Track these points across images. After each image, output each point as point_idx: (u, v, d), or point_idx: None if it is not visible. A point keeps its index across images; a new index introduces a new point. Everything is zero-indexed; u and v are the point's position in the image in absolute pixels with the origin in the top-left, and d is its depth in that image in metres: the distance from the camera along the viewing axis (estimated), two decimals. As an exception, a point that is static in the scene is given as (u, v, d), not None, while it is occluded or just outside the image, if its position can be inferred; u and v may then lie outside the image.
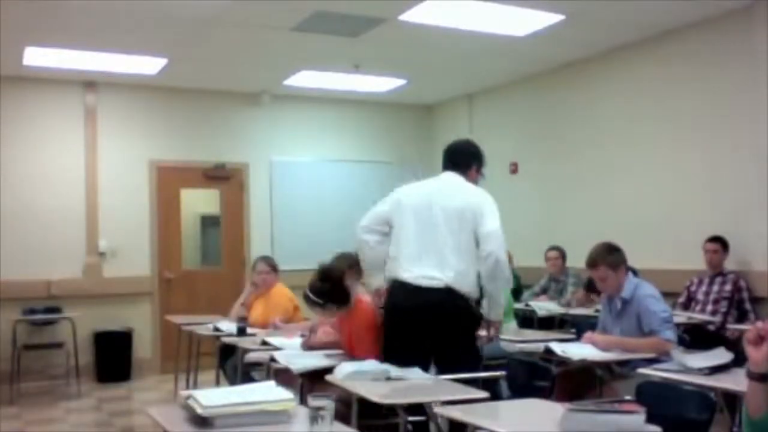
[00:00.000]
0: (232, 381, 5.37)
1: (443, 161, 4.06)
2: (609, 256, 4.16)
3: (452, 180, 3.94)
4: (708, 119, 6.28)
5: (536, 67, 7.77)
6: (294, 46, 6.76)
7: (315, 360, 4.01)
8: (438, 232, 3.74)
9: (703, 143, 6.32)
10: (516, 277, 6.48)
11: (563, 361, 3.90)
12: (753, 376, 2.02)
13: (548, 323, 6.19)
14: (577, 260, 6.37)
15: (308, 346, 4.42)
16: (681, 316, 5.45)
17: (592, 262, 4.20)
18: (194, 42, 6.62)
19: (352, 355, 4.03)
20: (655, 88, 6.74)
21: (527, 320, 6.05)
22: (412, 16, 5.93)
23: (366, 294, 4.21)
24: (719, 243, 5.95)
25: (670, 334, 3.98)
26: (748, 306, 5.78)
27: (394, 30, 6.29)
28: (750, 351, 2.03)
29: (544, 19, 6.10)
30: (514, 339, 4.91)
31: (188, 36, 6.43)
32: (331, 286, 4.14)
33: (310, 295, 4.14)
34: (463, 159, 4.02)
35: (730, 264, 5.95)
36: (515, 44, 6.79)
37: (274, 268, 5.95)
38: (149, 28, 6.20)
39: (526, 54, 7.21)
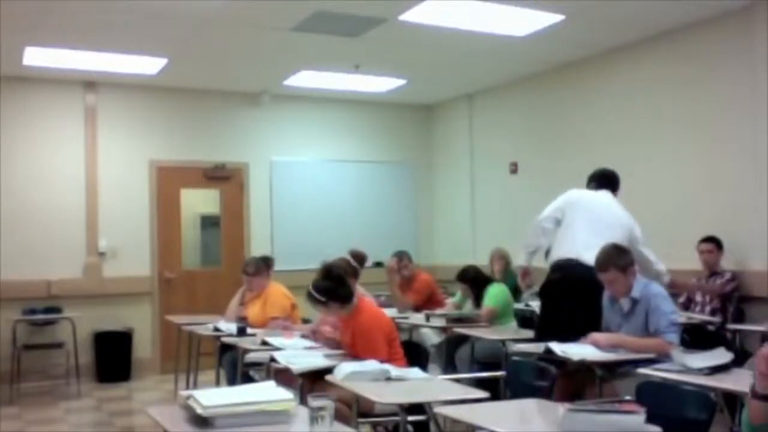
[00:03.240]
0: (230, 376, 5.38)
1: (596, 181, 5.13)
2: (618, 258, 4.07)
3: (609, 198, 5.02)
4: (707, 119, 6.27)
5: (536, 67, 7.77)
6: (294, 46, 6.77)
7: (315, 360, 4.01)
8: (605, 231, 4.62)
9: (702, 143, 6.32)
10: (515, 277, 6.46)
11: (563, 361, 3.90)
12: (757, 395, 2.02)
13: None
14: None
15: (315, 337, 4.45)
16: (681, 316, 5.44)
17: (602, 266, 4.09)
18: (194, 42, 6.62)
19: (352, 355, 4.03)
20: (655, 88, 6.74)
21: (527, 320, 6.03)
22: (412, 16, 5.93)
23: (367, 295, 4.22)
24: (713, 243, 5.95)
25: (674, 337, 3.97)
26: (733, 304, 5.77)
27: (394, 30, 6.29)
28: (762, 372, 2.03)
29: (544, 19, 6.10)
30: (514, 339, 4.92)
31: (188, 36, 6.43)
32: (334, 283, 4.15)
33: (313, 293, 4.14)
34: (612, 181, 5.15)
35: (729, 264, 5.95)
36: (515, 44, 6.79)
37: (258, 270, 5.85)
38: (149, 28, 6.20)
39: (526, 54, 7.22)
